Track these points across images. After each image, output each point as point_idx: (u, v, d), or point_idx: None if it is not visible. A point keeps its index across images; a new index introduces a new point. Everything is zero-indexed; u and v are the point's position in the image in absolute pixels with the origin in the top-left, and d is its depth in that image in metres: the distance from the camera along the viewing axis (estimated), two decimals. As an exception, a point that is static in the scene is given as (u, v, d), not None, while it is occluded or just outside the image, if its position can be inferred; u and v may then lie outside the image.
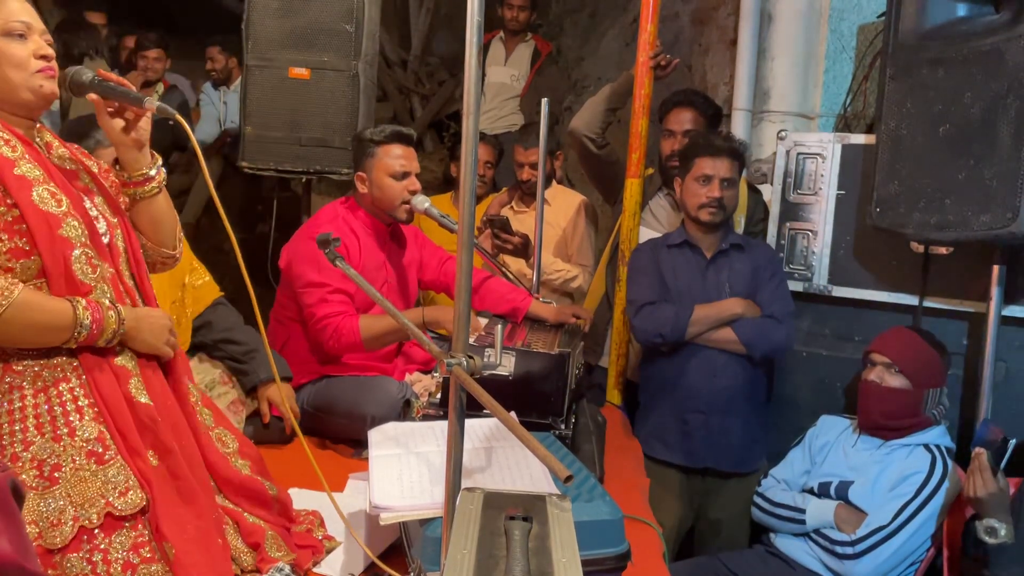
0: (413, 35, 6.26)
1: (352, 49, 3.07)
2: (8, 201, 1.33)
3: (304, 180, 3.37)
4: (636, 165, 2.90)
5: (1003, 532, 1.99)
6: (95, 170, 1.55)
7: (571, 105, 5.24)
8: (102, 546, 1.31)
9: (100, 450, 1.36)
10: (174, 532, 1.34)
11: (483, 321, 2.36)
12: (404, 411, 2.16)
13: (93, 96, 1.47)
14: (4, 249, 1.34)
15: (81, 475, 1.33)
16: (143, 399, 1.42)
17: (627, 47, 4.81)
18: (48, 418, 1.35)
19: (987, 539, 2.00)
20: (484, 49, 4.35)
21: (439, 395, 2.16)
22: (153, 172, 1.56)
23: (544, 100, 2.59)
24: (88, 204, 1.47)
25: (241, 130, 3.15)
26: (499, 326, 1.61)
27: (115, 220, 1.51)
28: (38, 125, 1.49)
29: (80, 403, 1.38)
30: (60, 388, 1.37)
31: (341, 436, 2.28)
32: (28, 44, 1.42)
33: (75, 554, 1.29)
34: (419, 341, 1.50)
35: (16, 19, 1.41)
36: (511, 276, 2.75)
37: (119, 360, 1.42)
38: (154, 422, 1.41)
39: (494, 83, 4.63)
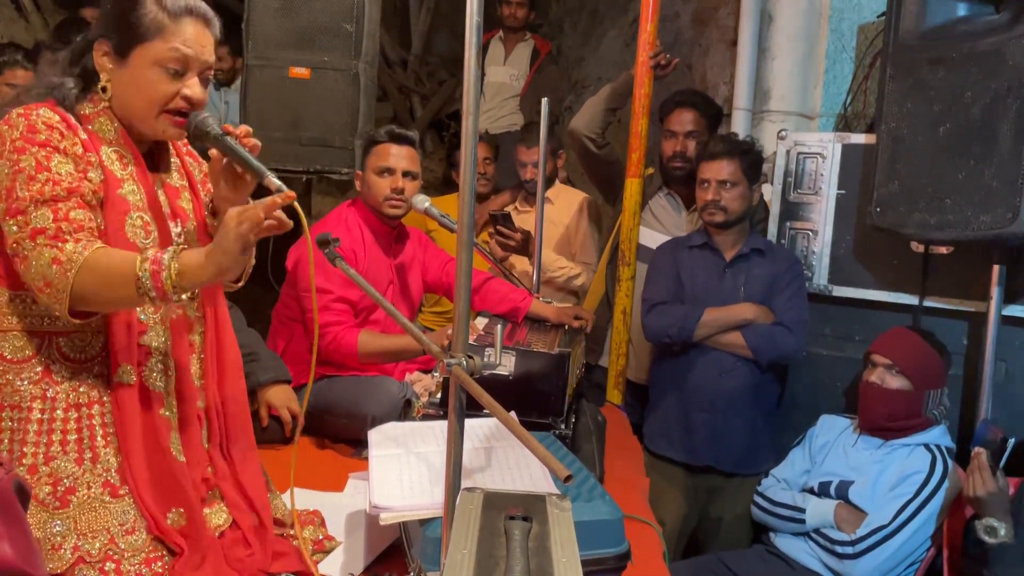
0: (413, 35, 6.25)
1: (352, 49, 3.07)
2: (97, 222, 1.30)
3: (304, 180, 3.37)
4: (636, 165, 2.91)
5: (1003, 532, 1.99)
6: (198, 176, 1.51)
7: (571, 105, 5.24)
8: (116, 556, 1.29)
9: (117, 483, 1.33)
10: None
11: (481, 322, 2.37)
12: (404, 411, 2.16)
13: (213, 152, 1.38)
14: None
15: (92, 504, 1.31)
16: (180, 456, 1.38)
17: (627, 47, 4.80)
18: (75, 437, 1.32)
19: (987, 539, 2.00)
20: (483, 49, 4.36)
21: (439, 395, 2.16)
22: None
23: (544, 100, 2.60)
24: (177, 231, 1.43)
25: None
26: (499, 326, 1.61)
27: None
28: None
29: (109, 430, 1.34)
30: (93, 410, 1.34)
31: (341, 436, 2.28)
32: (179, 82, 1.34)
33: (85, 564, 1.27)
34: (419, 341, 1.50)
35: (178, 51, 1.33)
36: (514, 276, 2.75)
37: (163, 412, 1.38)
38: (186, 481, 1.37)
39: (493, 83, 4.63)
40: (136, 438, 1.33)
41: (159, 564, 1.32)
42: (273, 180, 1.34)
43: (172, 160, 1.49)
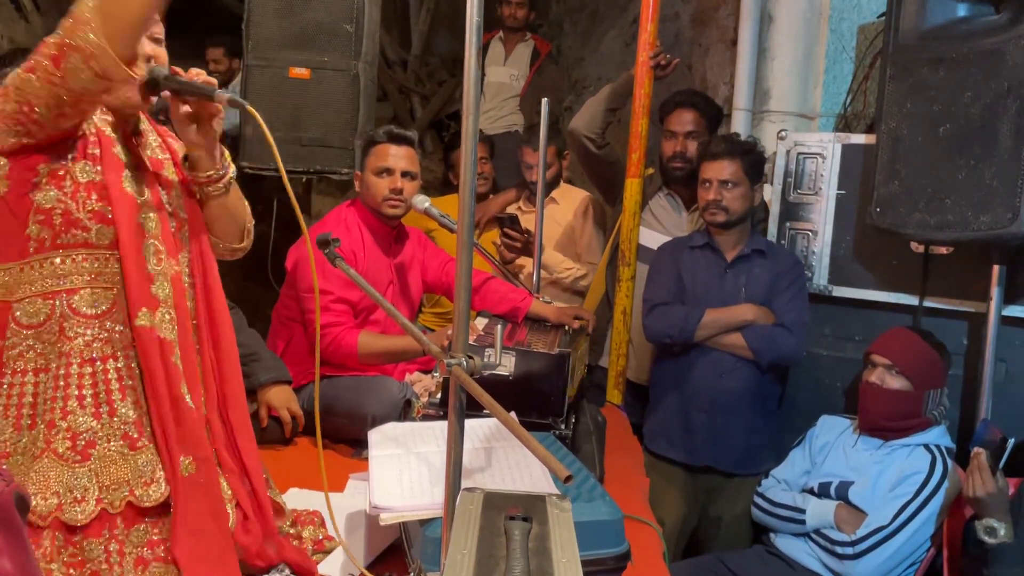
0: (413, 35, 6.26)
1: (352, 49, 3.07)
2: (99, 179, 1.35)
3: (304, 180, 3.37)
4: (636, 165, 2.91)
5: (1003, 532, 1.99)
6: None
7: (571, 105, 5.24)
8: (120, 536, 1.31)
9: (135, 435, 1.35)
10: (190, 545, 1.32)
11: (481, 322, 2.37)
12: (404, 411, 2.17)
13: (166, 94, 1.40)
14: (89, 208, 1.34)
15: (112, 457, 1.33)
16: (190, 402, 1.39)
17: (627, 47, 4.80)
18: (91, 392, 1.34)
19: (987, 539, 2.00)
20: (484, 49, 4.36)
21: (439, 395, 2.16)
22: (220, 173, 1.50)
23: (544, 100, 2.60)
24: (166, 199, 1.47)
25: (241, 130, 3.15)
26: (499, 326, 1.61)
27: (185, 217, 1.50)
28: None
29: (125, 383, 1.36)
30: (108, 365, 1.36)
31: (341, 436, 2.28)
32: None
33: (96, 539, 1.29)
34: (419, 341, 1.51)
35: None
36: (519, 278, 2.75)
37: (174, 359, 1.39)
38: (198, 427, 1.39)
39: (493, 83, 4.63)
40: (161, 382, 1.36)
41: (161, 548, 1.33)
42: (224, 94, 1.37)
43: (154, 139, 1.53)
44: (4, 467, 1.26)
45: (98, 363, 1.35)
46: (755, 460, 2.66)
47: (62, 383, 1.33)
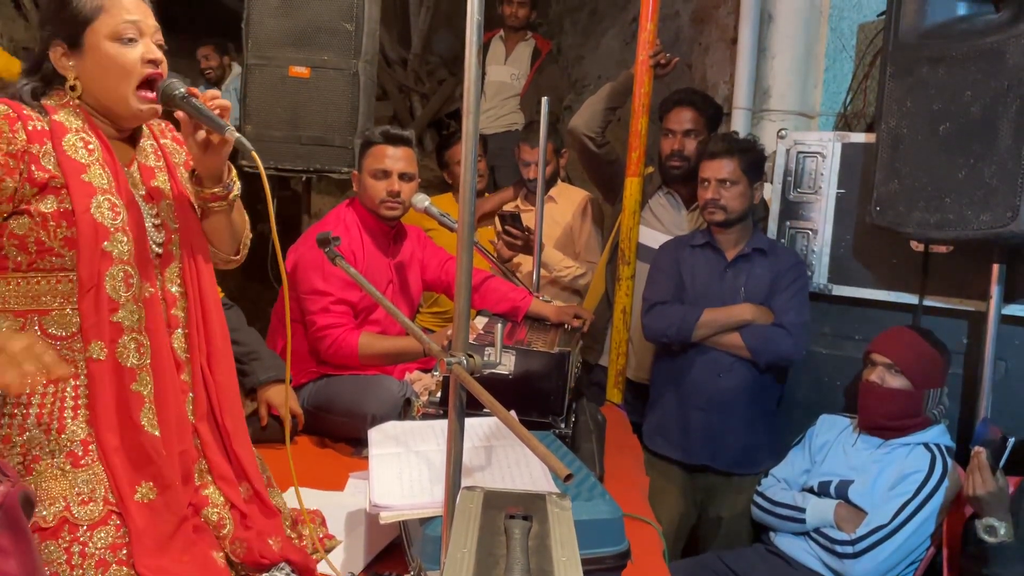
0: (413, 34, 6.26)
1: (352, 48, 3.07)
2: (68, 207, 1.35)
3: (304, 179, 3.37)
4: (636, 164, 2.91)
5: (1003, 531, 1.99)
6: (177, 160, 1.55)
7: (571, 104, 5.24)
8: (82, 538, 1.31)
9: (80, 453, 1.35)
10: (150, 566, 1.32)
11: (481, 321, 2.37)
12: (404, 410, 2.16)
13: (179, 113, 1.42)
14: (61, 236, 1.34)
15: (52, 472, 1.33)
16: (153, 431, 1.39)
17: (627, 46, 4.81)
18: (48, 410, 1.35)
19: (987, 538, 2.00)
20: (484, 48, 4.36)
21: (439, 394, 2.16)
22: (223, 191, 1.51)
23: (544, 99, 2.61)
24: (153, 211, 1.47)
25: (241, 129, 3.15)
26: (499, 325, 1.61)
27: (176, 227, 1.50)
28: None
29: (80, 401, 1.37)
30: (68, 383, 1.36)
31: (341, 435, 2.28)
32: (137, 47, 1.39)
33: (54, 542, 1.29)
34: (420, 340, 1.51)
35: (126, 20, 1.38)
36: (518, 277, 2.75)
37: (135, 387, 1.39)
38: (158, 455, 1.38)
39: (494, 82, 4.63)
40: (109, 411, 1.36)
41: (124, 552, 1.33)
42: (233, 133, 1.37)
43: (148, 143, 1.53)
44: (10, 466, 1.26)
45: (60, 383, 1.36)
46: (754, 459, 2.66)
47: (24, 400, 1.34)
